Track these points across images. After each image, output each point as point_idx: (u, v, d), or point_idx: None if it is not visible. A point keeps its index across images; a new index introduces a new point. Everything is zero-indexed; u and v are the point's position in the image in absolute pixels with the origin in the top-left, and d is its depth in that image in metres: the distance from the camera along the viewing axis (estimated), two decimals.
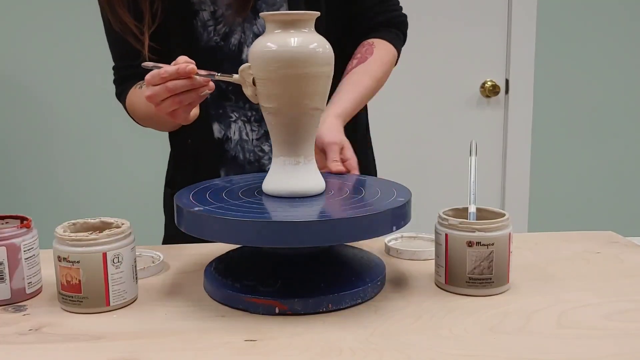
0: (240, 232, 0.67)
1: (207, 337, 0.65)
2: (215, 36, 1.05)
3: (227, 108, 1.08)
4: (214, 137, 1.08)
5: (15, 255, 0.74)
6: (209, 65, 1.02)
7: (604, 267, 0.85)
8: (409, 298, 0.75)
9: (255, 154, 1.09)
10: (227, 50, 1.05)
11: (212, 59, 1.05)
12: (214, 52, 1.05)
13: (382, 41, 1.12)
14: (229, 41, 1.05)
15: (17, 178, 2.44)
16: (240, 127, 1.08)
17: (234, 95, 1.07)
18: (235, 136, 1.08)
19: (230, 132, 1.08)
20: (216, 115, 1.08)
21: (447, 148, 2.52)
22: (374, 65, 1.07)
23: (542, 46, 2.50)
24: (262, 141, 1.09)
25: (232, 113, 1.08)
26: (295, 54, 0.73)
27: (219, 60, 1.05)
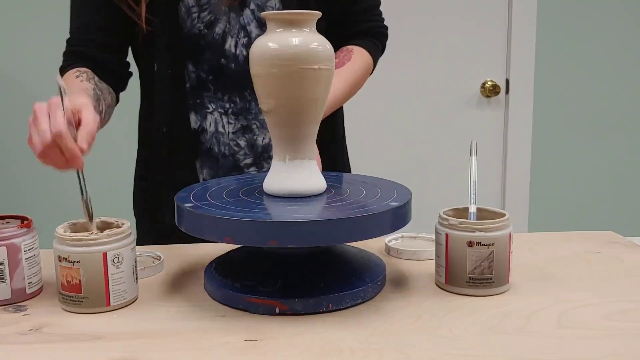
0: (240, 232, 0.67)
1: (207, 337, 0.65)
2: (199, 23, 1.04)
3: (204, 98, 1.07)
4: (190, 128, 1.07)
5: (15, 255, 0.74)
6: (189, 53, 1.04)
7: (604, 267, 0.85)
8: (409, 298, 0.75)
9: (230, 147, 1.08)
10: (210, 39, 1.04)
11: (194, 47, 1.04)
12: (197, 40, 1.04)
13: (361, 49, 1.13)
14: (213, 30, 1.04)
15: (17, 178, 2.44)
16: (217, 119, 1.07)
17: (213, 86, 1.06)
18: (211, 128, 1.07)
19: (206, 123, 1.07)
20: (193, 105, 1.07)
21: (447, 148, 2.52)
22: (351, 71, 1.08)
23: (542, 46, 2.50)
24: (239, 135, 1.08)
25: (209, 104, 1.07)
26: (296, 53, 0.73)
27: (201, 48, 1.04)
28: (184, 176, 1.07)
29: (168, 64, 1.04)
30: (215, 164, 1.08)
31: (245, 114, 1.07)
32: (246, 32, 1.05)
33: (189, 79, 1.06)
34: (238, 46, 1.05)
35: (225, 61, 1.05)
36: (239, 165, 1.09)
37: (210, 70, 1.05)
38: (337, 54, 1.10)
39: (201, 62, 1.05)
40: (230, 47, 1.05)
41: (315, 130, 0.80)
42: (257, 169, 1.10)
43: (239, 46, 1.05)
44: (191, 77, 1.06)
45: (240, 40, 1.05)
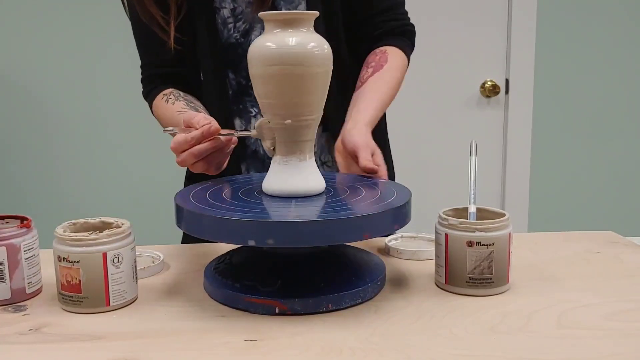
0: (240, 232, 0.67)
1: (207, 337, 0.65)
2: (235, 33, 1.07)
3: (247, 103, 1.09)
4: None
5: (15, 255, 0.74)
6: (228, 62, 1.06)
7: (604, 267, 0.85)
8: (409, 298, 0.75)
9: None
10: (247, 47, 1.05)
11: (234, 54, 1.07)
12: (234, 49, 1.07)
13: (394, 48, 1.13)
14: (249, 38, 1.07)
15: (17, 178, 2.44)
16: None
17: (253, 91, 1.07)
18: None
19: (250, 127, 1.09)
20: (237, 111, 1.10)
21: (447, 148, 2.52)
22: (390, 73, 1.09)
23: (542, 46, 2.50)
24: None
25: (251, 108, 1.09)
26: (294, 53, 0.73)
27: (239, 56, 1.07)
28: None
29: (211, 72, 1.07)
30: (262, 165, 1.10)
31: None
32: None
33: (231, 86, 1.09)
34: None
35: None
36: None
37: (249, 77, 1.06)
38: (371, 57, 1.11)
39: (240, 69, 1.08)
40: None
41: (314, 130, 0.80)
42: None
43: None
44: (232, 85, 1.09)
45: None
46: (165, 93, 1.08)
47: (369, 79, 1.08)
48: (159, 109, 1.09)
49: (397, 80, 1.11)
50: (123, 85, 2.22)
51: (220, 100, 1.08)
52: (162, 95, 1.08)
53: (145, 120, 2.28)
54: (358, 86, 1.09)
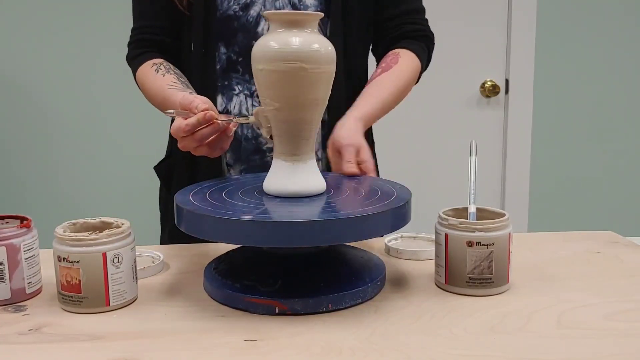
0: (240, 232, 0.67)
1: (207, 337, 0.65)
2: (235, 5, 1.05)
3: (232, 80, 1.07)
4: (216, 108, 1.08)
5: (15, 255, 0.74)
6: (222, 35, 1.05)
7: (604, 267, 0.85)
8: (409, 298, 0.75)
9: (253, 130, 1.07)
10: (244, 21, 1.05)
11: (229, 27, 1.05)
12: (231, 21, 1.05)
13: (407, 52, 1.13)
14: (248, 12, 1.05)
15: (17, 178, 2.44)
16: (242, 101, 1.07)
17: (242, 67, 1.06)
18: (235, 110, 1.07)
19: (231, 105, 1.07)
20: (221, 87, 1.07)
21: (447, 148, 2.52)
22: (398, 74, 1.09)
23: (542, 46, 2.50)
24: None
25: (236, 86, 1.07)
26: (297, 53, 0.73)
27: (233, 30, 1.05)
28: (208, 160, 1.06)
29: (201, 44, 1.05)
30: (238, 147, 1.08)
31: None
32: None
33: (220, 60, 1.07)
34: None
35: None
36: (261, 149, 1.08)
37: (240, 52, 1.06)
38: (383, 59, 1.12)
39: (232, 43, 1.06)
40: (263, 31, 1.05)
41: (315, 130, 0.80)
42: None
43: None
44: (222, 59, 1.07)
45: None
46: (155, 62, 1.07)
47: (376, 78, 1.08)
48: (147, 77, 1.07)
49: (404, 82, 1.10)
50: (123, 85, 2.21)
51: (206, 74, 1.06)
52: (152, 63, 1.07)
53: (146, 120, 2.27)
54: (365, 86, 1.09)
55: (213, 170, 1.07)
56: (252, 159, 1.08)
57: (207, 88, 1.06)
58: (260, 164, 1.08)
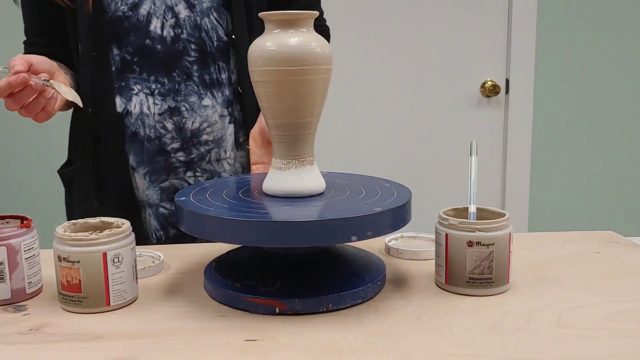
0: (240, 232, 0.67)
1: (207, 337, 0.65)
2: (123, 6, 1.03)
3: (129, 80, 1.05)
4: (115, 112, 1.05)
5: (15, 255, 0.74)
6: (113, 36, 1.04)
7: (604, 267, 0.85)
8: (409, 298, 0.75)
9: (156, 130, 1.05)
10: (134, 21, 1.03)
11: (118, 30, 1.03)
12: (121, 22, 1.03)
13: None
14: (137, 11, 1.03)
15: (17, 178, 2.44)
16: (142, 100, 1.05)
17: (138, 67, 1.05)
18: (136, 109, 1.05)
19: (131, 105, 1.05)
20: (119, 88, 1.05)
21: (447, 148, 2.52)
22: None
23: (542, 46, 2.50)
24: (165, 117, 1.05)
25: (134, 85, 1.05)
26: (294, 53, 0.73)
27: (125, 30, 1.03)
28: (111, 161, 1.06)
29: (92, 47, 1.03)
30: (140, 149, 1.05)
31: (174, 95, 1.05)
32: (173, 12, 1.04)
33: (114, 62, 1.05)
34: (165, 27, 1.04)
35: (151, 42, 1.04)
36: (165, 150, 1.06)
37: (134, 52, 1.04)
38: None
39: (125, 44, 1.04)
40: (156, 29, 1.04)
41: (314, 130, 0.80)
42: (186, 155, 1.07)
43: (167, 27, 1.04)
44: (116, 60, 1.05)
45: (168, 22, 1.04)
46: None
47: None
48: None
49: None
50: None
51: (102, 76, 1.04)
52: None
53: None
54: None
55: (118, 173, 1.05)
56: (156, 161, 1.06)
57: (101, 89, 1.04)
58: (165, 165, 1.06)
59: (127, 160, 1.06)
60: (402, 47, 2.41)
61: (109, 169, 1.06)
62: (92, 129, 1.06)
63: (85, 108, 1.05)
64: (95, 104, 1.05)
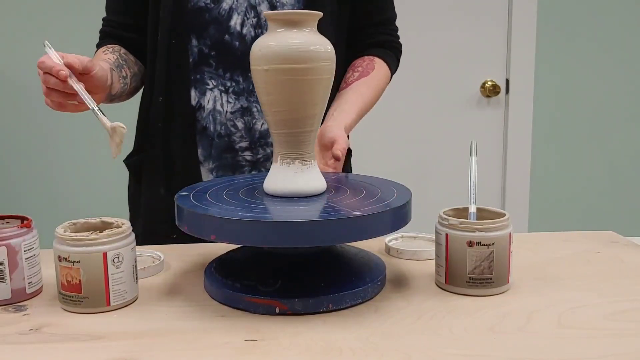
0: (240, 232, 0.67)
1: (207, 337, 0.65)
2: None
3: (205, 74, 1.05)
4: (189, 104, 1.05)
5: (15, 255, 0.74)
6: (193, 27, 1.04)
7: (604, 267, 0.85)
8: (409, 298, 0.75)
9: (227, 127, 1.05)
10: (215, 14, 1.03)
11: (198, 21, 1.03)
12: (202, 14, 1.03)
13: (381, 60, 1.15)
14: (220, 5, 1.03)
15: (17, 178, 2.44)
16: (216, 96, 1.05)
17: (214, 62, 1.04)
18: (209, 105, 1.05)
19: (205, 100, 1.05)
20: (194, 81, 1.05)
21: (447, 148, 2.52)
22: (376, 81, 1.11)
23: (542, 46, 2.50)
24: (237, 116, 1.05)
25: (209, 80, 1.05)
26: (297, 52, 0.73)
27: (205, 22, 1.03)
28: (180, 150, 1.06)
29: (171, 35, 1.04)
30: (209, 144, 1.06)
31: (248, 95, 1.05)
32: (256, 12, 1.04)
33: (192, 53, 1.05)
34: (245, 25, 1.03)
35: (230, 38, 1.03)
36: (234, 148, 1.06)
37: (212, 46, 1.04)
38: (358, 62, 1.13)
39: (204, 36, 1.04)
40: (236, 25, 1.03)
41: (316, 130, 0.80)
42: (252, 155, 1.07)
43: (247, 25, 1.03)
44: (193, 52, 1.05)
45: (249, 20, 1.03)
46: (109, 47, 1.07)
47: (355, 82, 1.09)
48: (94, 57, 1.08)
49: (380, 90, 1.14)
50: None
51: (179, 68, 1.04)
52: (106, 47, 1.07)
53: None
54: (342, 87, 1.10)
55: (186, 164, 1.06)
56: (224, 157, 1.06)
57: (178, 81, 1.05)
58: (232, 162, 1.07)
59: (197, 153, 1.06)
60: (403, 47, 2.41)
61: (178, 160, 1.06)
62: (164, 119, 1.06)
63: (157, 97, 1.06)
64: (168, 94, 1.05)
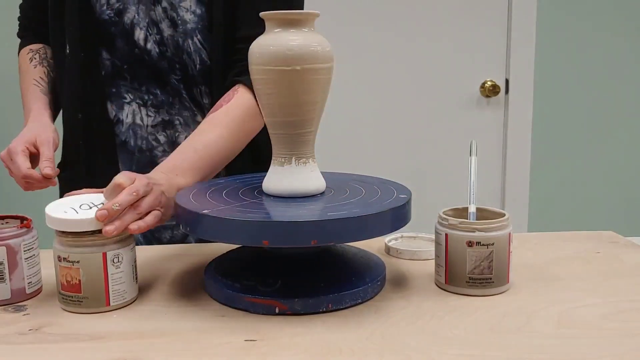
0: (240, 232, 0.67)
1: (207, 337, 0.65)
2: (109, 10, 1.00)
3: (121, 87, 1.02)
4: (107, 117, 1.02)
5: (15, 255, 0.74)
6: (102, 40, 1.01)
7: (604, 267, 0.85)
8: (409, 298, 0.75)
9: (148, 142, 1.03)
10: (121, 27, 1.00)
11: (107, 32, 1.00)
12: (107, 27, 1.00)
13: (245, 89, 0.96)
14: (122, 19, 1.00)
15: None
16: (135, 110, 1.02)
17: (129, 75, 1.02)
18: (128, 119, 1.02)
19: (123, 114, 1.02)
20: (110, 95, 1.02)
21: (447, 148, 2.52)
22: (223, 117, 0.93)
23: (542, 46, 2.50)
24: (158, 129, 1.03)
25: (126, 94, 1.02)
26: (295, 52, 0.73)
27: (112, 35, 1.00)
28: (102, 166, 1.03)
29: (81, 49, 1.01)
30: (130, 159, 1.03)
31: (168, 108, 1.02)
32: (158, 29, 1.00)
33: (104, 66, 1.02)
34: (149, 41, 1.01)
35: (139, 52, 1.01)
36: (156, 162, 1.01)
37: (123, 59, 1.02)
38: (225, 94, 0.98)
39: (114, 49, 1.01)
40: (139, 40, 1.00)
41: (314, 130, 0.80)
42: None
43: (150, 41, 1.01)
44: (106, 65, 1.02)
45: (152, 36, 1.00)
46: (32, 49, 1.05)
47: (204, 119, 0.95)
48: (21, 64, 1.09)
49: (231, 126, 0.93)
50: None
51: (92, 81, 1.01)
52: (29, 50, 1.05)
53: None
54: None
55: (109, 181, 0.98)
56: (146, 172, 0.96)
57: (92, 94, 1.02)
58: None
59: (118, 168, 1.04)
60: (402, 47, 2.41)
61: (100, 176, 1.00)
62: (83, 134, 1.04)
63: (75, 113, 1.04)
64: (85, 108, 1.03)
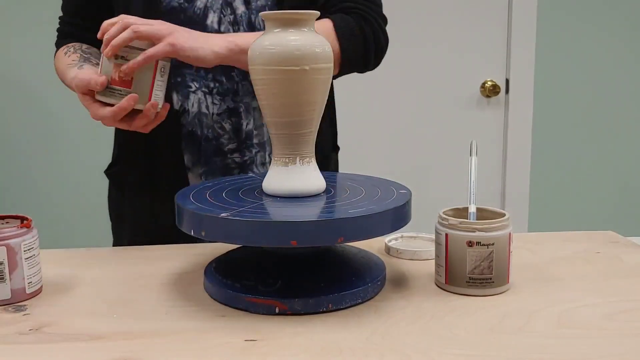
0: (240, 232, 0.67)
1: (207, 337, 0.65)
2: None
3: (186, 76, 1.00)
4: (172, 108, 1.00)
5: (15, 255, 0.74)
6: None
7: (604, 267, 0.85)
8: (409, 298, 0.75)
9: (214, 130, 1.02)
10: (190, 13, 0.99)
11: (173, 21, 0.96)
12: (176, 14, 0.99)
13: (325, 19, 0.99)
14: (194, 3, 0.99)
15: (16, 178, 2.44)
16: (200, 98, 1.01)
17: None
18: (194, 109, 1.01)
19: (188, 103, 1.01)
20: (175, 84, 1.00)
21: (447, 148, 2.52)
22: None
23: (542, 46, 2.50)
24: (224, 117, 1.02)
25: (191, 82, 1.00)
26: (295, 52, 0.73)
27: (180, 23, 0.96)
28: (165, 158, 1.02)
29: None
30: (197, 149, 1.02)
31: (233, 96, 1.02)
32: (232, 9, 1.00)
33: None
34: (223, 23, 1.00)
35: None
36: (223, 150, 1.02)
37: None
38: None
39: None
40: (213, 23, 1.00)
41: (314, 130, 0.80)
42: (240, 156, 1.03)
43: (224, 23, 1.00)
44: None
45: (226, 17, 1.00)
46: (68, 45, 1.04)
47: None
48: (57, 60, 1.06)
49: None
50: None
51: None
52: (65, 47, 1.05)
53: None
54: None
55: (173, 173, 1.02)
56: (213, 161, 1.03)
57: None
58: (222, 166, 1.03)
59: (183, 159, 1.03)
60: (403, 47, 2.41)
61: (164, 169, 1.02)
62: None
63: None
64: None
